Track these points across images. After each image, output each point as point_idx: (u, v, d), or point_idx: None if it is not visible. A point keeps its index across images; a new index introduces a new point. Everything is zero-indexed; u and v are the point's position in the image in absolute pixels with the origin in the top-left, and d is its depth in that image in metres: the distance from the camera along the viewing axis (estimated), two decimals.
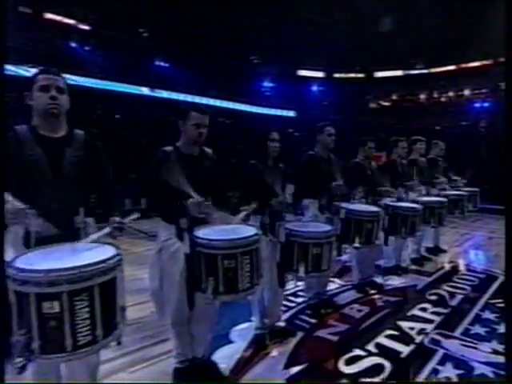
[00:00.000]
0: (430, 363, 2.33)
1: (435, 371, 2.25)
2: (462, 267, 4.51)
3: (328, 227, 2.42)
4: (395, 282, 3.86)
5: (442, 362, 2.34)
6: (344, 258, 3.94)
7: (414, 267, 4.37)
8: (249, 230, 1.90)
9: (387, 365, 2.31)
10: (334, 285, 3.71)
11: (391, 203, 3.42)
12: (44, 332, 1.20)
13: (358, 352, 2.46)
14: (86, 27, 20.52)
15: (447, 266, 4.50)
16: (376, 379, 2.17)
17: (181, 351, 2.15)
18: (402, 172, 4.03)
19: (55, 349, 1.22)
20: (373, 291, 3.56)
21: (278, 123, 19.94)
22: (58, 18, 19.69)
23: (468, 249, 5.51)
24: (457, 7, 18.75)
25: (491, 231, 6.58)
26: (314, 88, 26.84)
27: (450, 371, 2.25)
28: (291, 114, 24.30)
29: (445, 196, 4.23)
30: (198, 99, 21.02)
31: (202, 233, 1.86)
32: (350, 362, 2.35)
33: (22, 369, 1.21)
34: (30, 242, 1.47)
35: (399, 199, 3.72)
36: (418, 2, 19.98)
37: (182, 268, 1.94)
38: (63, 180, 1.61)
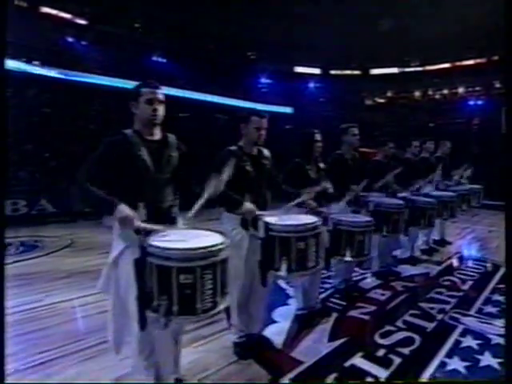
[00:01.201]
0: (452, 335, 2.69)
1: (458, 342, 2.61)
2: (467, 257, 4.91)
3: (368, 218, 2.76)
4: (410, 270, 4.22)
5: (462, 335, 2.71)
6: None
7: (424, 257, 4.74)
8: (310, 218, 2.20)
9: (416, 337, 2.67)
10: (354, 273, 4.06)
11: (411, 197, 3.77)
12: (181, 298, 1.50)
13: (389, 328, 2.82)
14: (83, 22, 20.41)
15: (454, 256, 4.90)
16: (409, 349, 2.52)
17: (240, 328, 2.46)
18: (415, 169, 4.38)
19: (189, 311, 1.52)
20: (391, 278, 3.93)
21: (275, 119, 20.20)
22: (54, 11, 19.51)
23: (471, 241, 5.93)
24: (450, 5, 19.20)
25: (490, 225, 7.01)
26: (311, 85, 27.12)
27: (470, 342, 2.61)
28: (288, 110, 24.53)
29: (453, 191, 4.61)
30: (195, 95, 21.12)
31: (278, 219, 2.15)
32: (384, 335, 2.70)
33: (166, 326, 1.52)
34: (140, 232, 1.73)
35: (414, 194, 4.08)
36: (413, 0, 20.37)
37: (246, 255, 2.24)
38: (162, 176, 1.88)
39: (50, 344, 2.62)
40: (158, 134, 1.91)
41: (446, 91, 21.88)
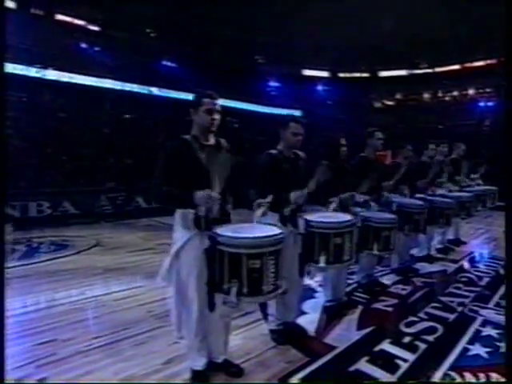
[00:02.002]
0: (473, 325, 2.89)
1: (478, 331, 2.80)
2: (483, 256, 5.08)
3: (393, 216, 2.98)
4: (427, 268, 4.41)
5: (482, 325, 2.90)
6: None
7: (440, 256, 4.92)
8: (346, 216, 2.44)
9: (439, 327, 2.87)
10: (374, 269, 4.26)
11: (429, 197, 3.97)
12: (250, 281, 1.73)
13: (412, 318, 3.02)
14: (96, 28, 20.98)
15: (470, 255, 5.06)
16: (433, 336, 2.72)
17: (277, 316, 2.69)
18: (432, 171, 4.57)
19: (257, 292, 1.76)
20: (410, 274, 4.12)
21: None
22: (69, 19, 20.10)
23: (485, 241, 6.08)
24: (461, 6, 19.27)
25: (504, 226, 7.13)
26: (319, 87, 27.35)
27: (490, 331, 2.80)
28: (297, 113, 24.71)
29: (469, 192, 4.80)
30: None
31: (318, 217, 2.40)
32: (409, 325, 2.91)
33: (236, 306, 1.77)
34: (201, 223, 1.98)
35: (431, 194, 4.28)
36: (423, 1, 20.48)
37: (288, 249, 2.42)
38: (217, 175, 2.09)
39: (101, 331, 2.87)
40: (212, 140, 2.15)
41: (455, 93, 21.94)
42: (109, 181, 10.85)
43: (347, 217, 2.48)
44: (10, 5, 17.31)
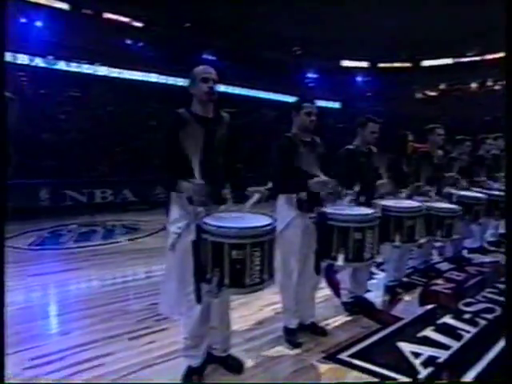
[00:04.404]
0: None
1: None
2: None
3: (456, 206, 3.29)
4: (481, 258, 4.62)
5: None
6: None
7: (492, 248, 5.07)
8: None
9: (497, 308, 3.14)
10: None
11: (485, 190, 4.17)
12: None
13: (470, 300, 3.31)
14: (139, 24, 21.93)
15: None
16: (491, 315, 3.00)
17: (350, 289, 3.09)
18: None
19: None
20: (464, 263, 4.37)
21: (323, 114, 20.33)
22: (115, 16, 21.17)
23: None
24: None
25: None
26: (359, 78, 26.93)
27: None
28: (336, 105, 24.57)
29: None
30: (243, 91, 21.81)
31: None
32: (467, 305, 3.21)
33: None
34: (303, 205, 2.37)
35: (488, 188, 4.45)
36: None
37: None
38: (311, 168, 2.40)
39: None
40: (309, 137, 2.57)
41: None
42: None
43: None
44: (64, 6, 18.57)
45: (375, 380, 2.16)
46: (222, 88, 20.97)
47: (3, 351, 1.40)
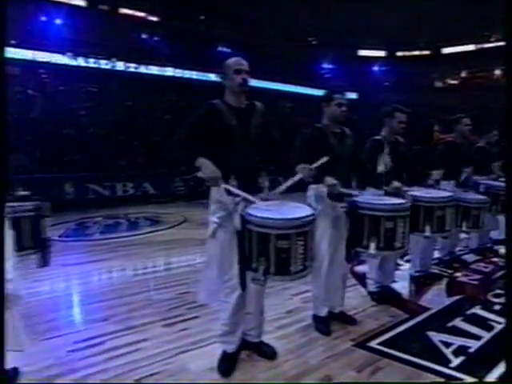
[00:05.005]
0: None
1: None
2: None
3: (484, 197, 3.25)
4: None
5: None
6: None
7: None
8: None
9: None
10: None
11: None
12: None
13: (498, 291, 3.28)
14: (155, 18, 22.01)
15: None
16: None
17: (377, 279, 3.11)
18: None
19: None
20: (490, 255, 4.31)
21: None
22: (130, 11, 21.30)
23: None
24: None
25: None
26: (376, 68, 26.41)
27: None
28: (353, 96, 24.14)
29: None
30: (259, 83, 21.65)
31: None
32: (497, 296, 3.18)
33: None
34: (334, 195, 2.40)
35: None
36: None
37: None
38: (344, 160, 2.48)
39: None
40: (338, 128, 2.58)
41: None
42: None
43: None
44: (81, 3, 18.80)
45: (416, 371, 2.18)
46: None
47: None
